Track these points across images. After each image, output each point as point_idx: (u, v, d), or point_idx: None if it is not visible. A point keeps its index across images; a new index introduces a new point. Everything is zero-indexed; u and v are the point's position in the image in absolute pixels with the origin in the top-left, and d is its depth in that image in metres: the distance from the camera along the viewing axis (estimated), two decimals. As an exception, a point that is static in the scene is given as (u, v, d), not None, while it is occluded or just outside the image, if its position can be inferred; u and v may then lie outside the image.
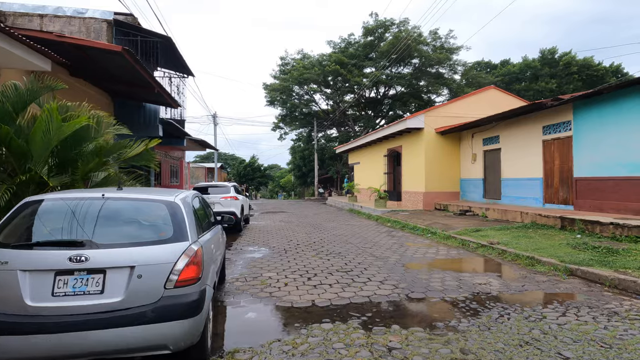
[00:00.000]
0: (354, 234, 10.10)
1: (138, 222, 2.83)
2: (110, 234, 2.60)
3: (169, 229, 2.70)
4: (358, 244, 8.52)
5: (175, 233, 2.68)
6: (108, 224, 2.67)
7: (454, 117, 15.29)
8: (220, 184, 11.16)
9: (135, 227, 2.78)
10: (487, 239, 8.00)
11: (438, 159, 15.32)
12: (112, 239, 2.58)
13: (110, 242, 2.54)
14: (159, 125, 10.58)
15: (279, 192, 60.41)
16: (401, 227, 11.37)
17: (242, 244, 8.73)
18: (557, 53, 37.65)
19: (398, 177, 18.25)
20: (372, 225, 12.34)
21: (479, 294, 4.63)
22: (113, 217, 2.73)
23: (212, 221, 4.53)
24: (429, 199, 15.17)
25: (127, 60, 6.47)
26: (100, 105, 9.75)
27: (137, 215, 2.85)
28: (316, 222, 13.28)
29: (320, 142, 39.65)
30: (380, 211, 14.82)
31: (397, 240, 8.93)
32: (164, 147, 15.68)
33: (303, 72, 33.45)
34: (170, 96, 9.25)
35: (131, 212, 2.85)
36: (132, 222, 2.80)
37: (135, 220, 2.83)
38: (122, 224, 2.74)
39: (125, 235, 2.64)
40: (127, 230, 2.71)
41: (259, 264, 6.47)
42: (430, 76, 35.00)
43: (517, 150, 12.23)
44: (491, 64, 43.57)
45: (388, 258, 6.84)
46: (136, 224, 2.81)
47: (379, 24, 34.44)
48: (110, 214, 2.72)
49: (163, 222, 2.76)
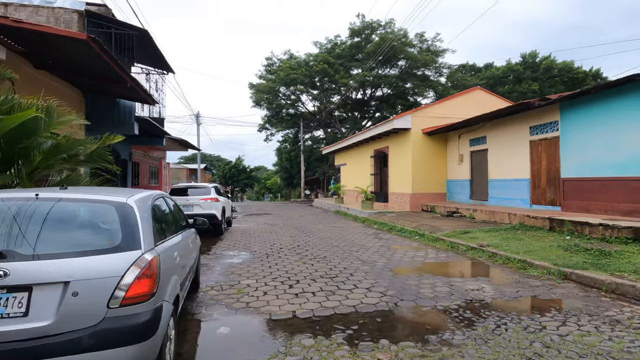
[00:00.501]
0: (340, 237, 9.74)
1: (78, 227, 2.39)
2: (41, 243, 2.15)
3: (117, 236, 2.27)
4: (344, 247, 8.16)
5: (124, 240, 2.26)
6: (38, 231, 2.21)
7: (440, 118, 15.15)
8: (200, 185, 10.64)
9: (74, 233, 2.33)
10: (476, 241, 7.76)
11: (425, 160, 15.14)
12: (43, 248, 2.12)
13: (39, 252, 2.09)
14: (134, 123, 10.00)
15: (265, 193, 59.65)
16: (388, 229, 11.08)
17: (222, 248, 8.26)
18: (538, 57, 38.35)
19: (385, 178, 18.02)
20: (358, 227, 12.01)
21: (473, 301, 4.32)
22: (46, 222, 2.27)
23: (182, 225, 4.10)
24: (416, 200, 14.96)
25: (93, 49, 5.96)
26: (70, 100, 9.13)
27: (77, 219, 2.41)
28: (301, 225, 12.88)
29: (307, 143, 39.28)
30: (367, 213, 14.52)
31: (385, 243, 8.62)
32: (142, 146, 15.03)
33: (289, 72, 33.05)
34: (146, 91, 8.71)
35: (71, 215, 2.41)
36: (70, 227, 2.36)
37: (75, 225, 2.39)
38: (57, 230, 2.29)
39: (60, 243, 2.20)
40: (62, 238, 2.26)
41: (237, 270, 6.03)
42: (416, 78, 35.12)
43: (504, 150, 12.12)
44: (476, 67, 44.07)
45: (375, 262, 6.50)
46: (76, 230, 2.36)
47: (366, 25, 34.37)
48: (43, 218, 2.26)
49: (110, 228, 2.33)
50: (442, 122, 14.67)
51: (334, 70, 32.51)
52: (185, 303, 4.25)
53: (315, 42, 37.65)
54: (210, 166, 61.86)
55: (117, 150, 12.30)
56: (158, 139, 13.45)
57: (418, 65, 33.56)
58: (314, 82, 34.56)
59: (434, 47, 34.55)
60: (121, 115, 10.02)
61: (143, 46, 10.79)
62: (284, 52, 36.66)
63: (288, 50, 37.02)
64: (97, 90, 9.57)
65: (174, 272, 2.78)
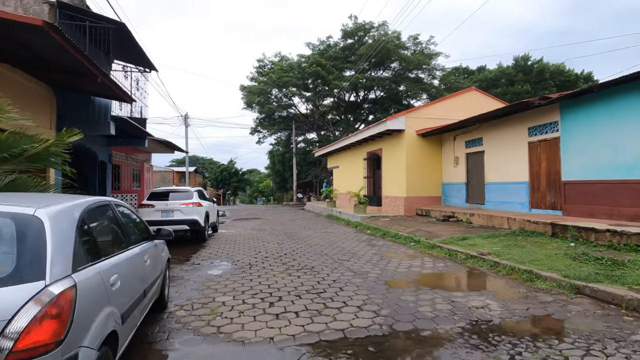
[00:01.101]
0: (330, 244, 9.16)
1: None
2: None
3: (10, 261, 1.67)
4: (335, 255, 7.58)
5: (21, 267, 1.66)
6: None
7: (435, 119, 14.70)
8: (181, 189, 9.97)
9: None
10: (475, 248, 7.24)
11: (419, 163, 14.66)
12: None
13: None
14: (110, 122, 9.33)
15: (258, 197, 58.89)
16: (382, 234, 10.52)
17: (202, 257, 7.62)
18: (530, 60, 38.36)
19: (378, 181, 17.51)
20: (351, 232, 11.44)
21: (479, 322, 3.77)
22: None
23: (140, 237, 3.48)
24: (411, 204, 14.45)
25: (53, 39, 5.33)
26: (36, 97, 8.45)
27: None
28: (291, 230, 12.27)
29: (299, 146, 38.68)
30: (360, 217, 13.97)
31: (378, 251, 8.05)
32: (123, 148, 14.31)
33: (282, 74, 32.51)
34: (119, 88, 8.06)
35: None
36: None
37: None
38: None
39: None
40: None
41: (214, 284, 5.41)
42: (409, 81, 34.85)
43: (501, 152, 11.67)
44: (468, 69, 44.04)
45: (368, 273, 5.92)
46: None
47: (358, 26, 34.03)
48: None
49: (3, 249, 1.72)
50: (437, 124, 14.22)
51: (327, 72, 32.05)
52: (146, 328, 3.63)
53: (307, 43, 37.27)
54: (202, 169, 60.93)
55: (94, 152, 11.60)
56: (139, 140, 12.76)
57: (411, 67, 33.29)
58: (306, 84, 34.06)
59: (427, 50, 34.31)
60: (96, 113, 9.35)
61: (121, 41, 10.14)
62: (275, 54, 36.11)
63: (279, 53, 36.65)
64: (69, 87, 8.89)
65: (109, 302, 2.17)
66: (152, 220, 9.05)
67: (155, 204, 9.13)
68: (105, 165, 12.63)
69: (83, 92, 9.04)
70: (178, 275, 6.11)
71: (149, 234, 3.77)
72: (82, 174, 10.96)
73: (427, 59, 33.67)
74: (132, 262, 2.81)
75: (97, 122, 9.31)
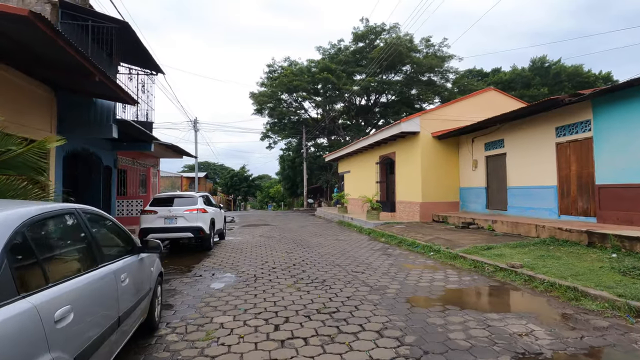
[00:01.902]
0: (343, 253, 8.54)
1: None
2: None
3: None
4: (348, 266, 6.96)
5: None
6: None
7: (451, 121, 14.00)
8: (186, 194, 9.50)
9: None
10: (504, 259, 6.53)
11: (435, 166, 13.95)
12: None
13: None
14: (112, 125, 8.95)
15: (268, 202, 58.54)
16: (397, 242, 9.85)
17: (205, 267, 7.09)
18: (547, 62, 37.23)
19: (392, 186, 16.83)
20: (364, 240, 10.79)
21: (526, 355, 3.11)
22: None
23: (121, 251, 2.95)
24: (426, 209, 13.73)
25: (43, 32, 4.92)
26: (35, 99, 8.12)
27: None
28: (301, 237, 11.68)
29: (310, 151, 38.21)
30: (373, 224, 13.31)
31: (395, 261, 7.40)
32: (130, 153, 13.99)
33: (292, 78, 32.19)
34: (120, 88, 7.66)
35: None
36: None
37: None
38: None
39: None
40: None
41: (214, 301, 4.85)
42: (422, 84, 34.17)
43: (525, 154, 10.90)
44: (482, 72, 43.01)
45: (386, 289, 5.29)
46: None
47: (370, 29, 33.59)
48: None
49: None
50: (454, 125, 13.52)
51: (337, 77, 31.58)
52: (129, 357, 3.08)
53: (318, 47, 36.84)
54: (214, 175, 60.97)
55: (98, 156, 11.26)
56: (145, 144, 12.40)
57: (424, 69, 32.61)
58: (316, 89, 33.67)
59: (440, 52, 33.62)
60: (98, 116, 8.98)
61: (125, 41, 9.80)
62: (285, 58, 35.83)
63: (288, 57, 36.29)
64: (70, 89, 8.55)
65: (50, 347, 1.61)
66: (154, 228, 8.60)
67: (158, 210, 8.68)
68: (111, 170, 12.30)
69: (85, 94, 8.69)
70: (177, 288, 5.58)
71: (133, 247, 3.23)
72: (86, 179, 10.62)
73: (439, 61, 32.97)
74: (98, 285, 2.27)
75: (100, 125, 8.94)
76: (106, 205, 11.96)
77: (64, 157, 9.13)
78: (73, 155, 9.65)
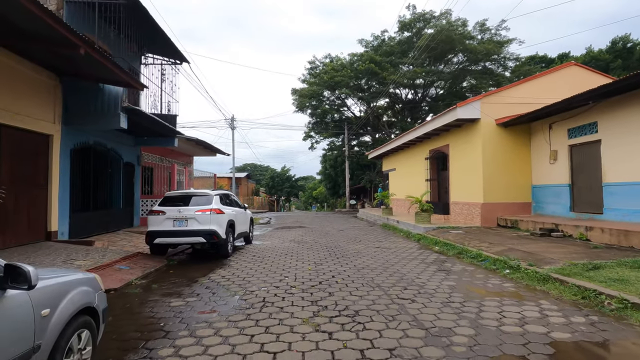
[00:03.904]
0: (385, 267, 6.70)
1: None
2: None
3: None
4: (391, 288, 5.13)
5: None
6: None
7: (520, 104, 11.49)
8: (199, 192, 8.18)
9: None
10: (631, 287, 4.32)
11: (500, 160, 11.52)
12: None
13: None
14: (120, 114, 7.92)
15: (312, 203, 57.61)
16: (456, 253, 7.79)
17: (207, 284, 5.65)
18: (630, 42, 31.98)
19: (444, 184, 14.53)
20: (412, 249, 8.83)
21: None
22: None
23: None
24: (489, 212, 11.36)
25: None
26: (37, 86, 7.25)
27: None
28: (336, 244, 9.98)
29: (352, 149, 36.38)
30: (423, 228, 11.24)
31: (457, 282, 5.43)
32: (156, 149, 13.21)
33: (334, 74, 30.59)
34: (117, 65, 6.48)
35: None
36: None
37: None
38: None
39: None
40: None
41: (191, 345, 3.30)
42: (475, 73, 30.90)
43: (631, 141, 8.26)
44: (547, 58, 38.30)
45: (451, 335, 3.42)
46: None
47: (417, 17, 31.03)
48: None
49: None
50: (523, 110, 11.02)
51: (381, 69, 29.43)
52: None
53: (360, 40, 34.77)
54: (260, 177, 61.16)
55: (117, 153, 10.43)
56: (168, 138, 11.47)
57: (479, 57, 29.38)
58: (359, 84, 31.76)
59: (497, 36, 30.17)
60: (104, 104, 8.00)
61: (136, 21, 8.80)
62: (325, 55, 34.33)
63: (329, 54, 34.69)
64: (75, 74, 7.63)
65: None
66: (161, 231, 7.37)
67: (166, 211, 7.45)
68: (133, 167, 11.51)
69: (86, 78, 7.72)
70: (156, 316, 4.15)
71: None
72: (102, 176, 9.81)
73: (497, 46, 29.53)
74: None
75: (106, 114, 7.96)
76: (128, 204, 11.15)
77: (71, 150, 8.27)
78: (83, 149, 8.80)
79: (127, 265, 6.38)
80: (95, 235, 9.19)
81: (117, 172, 10.51)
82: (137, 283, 5.71)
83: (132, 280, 5.73)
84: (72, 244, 7.54)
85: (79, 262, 6.20)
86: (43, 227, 7.53)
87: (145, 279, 6.00)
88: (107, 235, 9.50)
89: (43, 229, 7.53)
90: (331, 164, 38.90)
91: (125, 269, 6.21)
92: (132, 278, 5.79)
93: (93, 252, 7.04)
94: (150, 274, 6.30)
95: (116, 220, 10.28)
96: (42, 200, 7.47)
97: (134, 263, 6.65)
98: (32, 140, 7.22)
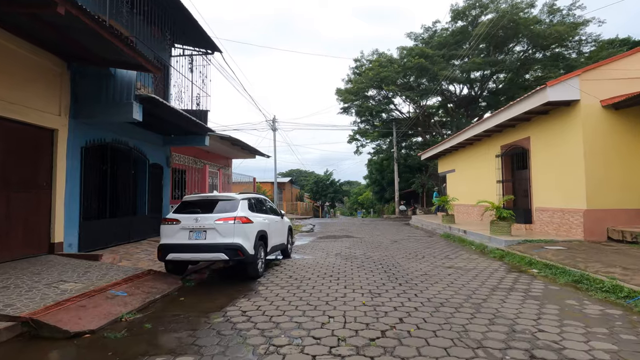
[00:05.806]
0: (474, 303, 4.60)
1: None
2: None
3: None
4: (495, 346, 3.09)
5: None
6: None
7: (634, 79, 8.75)
8: (223, 196, 6.58)
9: None
10: None
11: (611, 152, 8.82)
12: None
13: None
14: (133, 103, 6.66)
15: (358, 209, 55.45)
16: (571, 281, 5.46)
17: (218, 326, 3.97)
18: None
19: (523, 185, 11.89)
20: (499, 271, 6.57)
21: None
22: None
23: None
24: (596, 221, 8.66)
25: None
26: (40, 73, 6.17)
27: None
28: (393, 260, 7.96)
29: (401, 152, 33.83)
30: (504, 241, 8.84)
31: (617, 344, 3.23)
32: (189, 150, 12.10)
33: (379, 70, 28.47)
34: (119, 37, 5.15)
35: None
36: None
37: None
38: None
39: None
40: None
41: None
42: (544, 61, 27.13)
43: None
44: (630, 40, 32.99)
45: None
46: None
47: (471, 4, 28.02)
48: None
49: None
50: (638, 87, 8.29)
51: (432, 63, 26.80)
52: None
53: (409, 33, 32.31)
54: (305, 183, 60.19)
55: (142, 152, 9.32)
56: (198, 137, 10.21)
57: (549, 41, 25.67)
58: (408, 82, 29.30)
59: (570, 17, 26.30)
60: (116, 92, 6.77)
61: (169, 12, 7.56)
62: (373, 51, 32.23)
63: (376, 50, 32.53)
64: (81, 57, 6.48)
65: None
66: (176, 245, 5.88)
67: (182, 219, 5.96)
68: (162, 169, 10.39)
69: (96, 62, 6.52)
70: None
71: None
72: (124, 177, 8.70)
73: (570, 28, 25.65)
74: None
75: (117, 103, 6.72)
76: (155, 211, 10.00)
77: (82, 147, 7.14)
78: (98, 146, 7.68)
79: (126, 291, 4.93)
80: (114, 246, 8.04)
81: (142, 174, 9.40)
82: (129, 319, 4.19)
83: (122, 314, 4.22)
84: (76, 258, 6.33)
85: (68, 284, 4.86)
86: (45, 238, 6.39)
87: (142, 312, 4.47)
88: (127, 245, 8.34)
89: (45, 240, 6.39)
90: (377, 168, 36.62)
91: (120, 295, 4.75)
92: (123, 311, 4.29)
93: (94, 269, 5.73)
94: (152, 304, 4.79)
95: (140, 228, 9.13)
96: (44, 206, 6.35)
97: (136, 286, 5.20)
98: (31, 135, 6.13)
